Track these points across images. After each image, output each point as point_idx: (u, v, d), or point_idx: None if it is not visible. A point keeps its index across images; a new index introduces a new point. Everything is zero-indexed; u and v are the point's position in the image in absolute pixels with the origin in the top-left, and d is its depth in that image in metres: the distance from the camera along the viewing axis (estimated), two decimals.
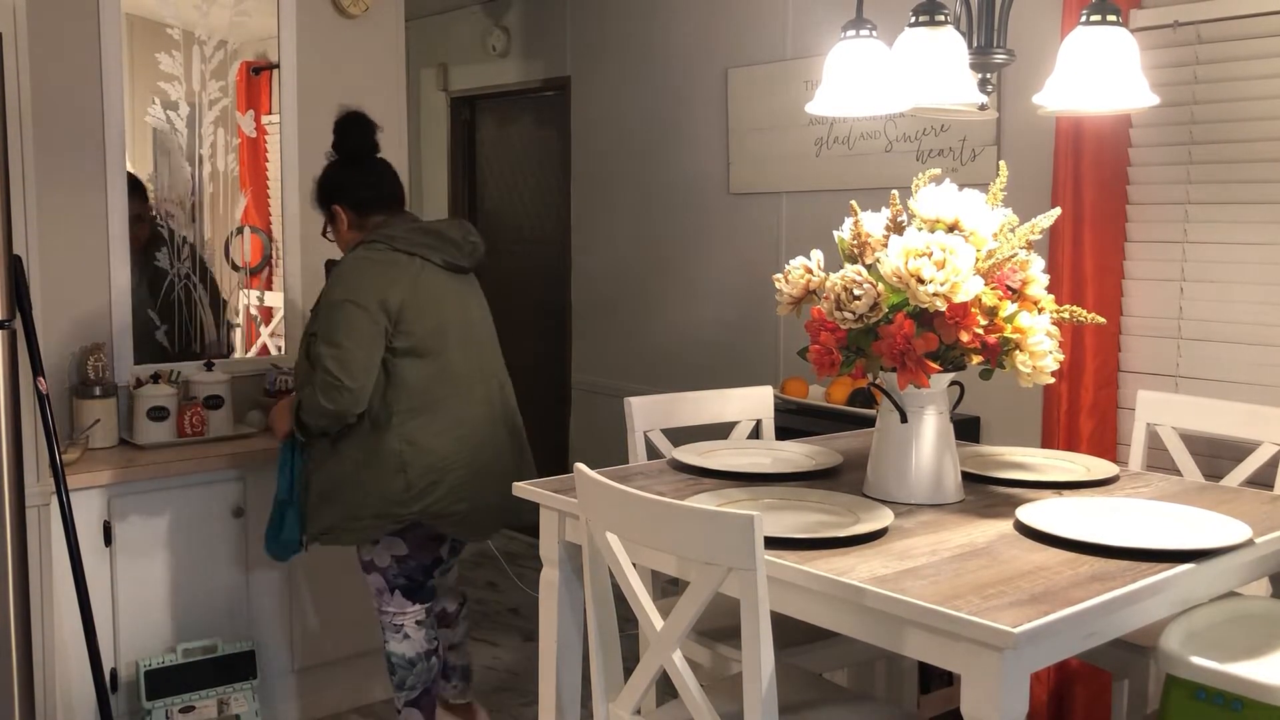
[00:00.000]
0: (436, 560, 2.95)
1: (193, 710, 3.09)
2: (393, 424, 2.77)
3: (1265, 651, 1.82)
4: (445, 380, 2.83)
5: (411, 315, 2.77)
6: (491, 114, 5.57)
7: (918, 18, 2.18)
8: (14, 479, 2.59)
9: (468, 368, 2.88)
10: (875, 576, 1.76)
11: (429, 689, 2.95)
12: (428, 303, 2.81)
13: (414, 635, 2.92)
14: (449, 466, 2.81)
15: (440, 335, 2.82)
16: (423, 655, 2.93)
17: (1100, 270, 3.10)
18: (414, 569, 2.91)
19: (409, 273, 2.80)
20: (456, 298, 2.91)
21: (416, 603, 2.93)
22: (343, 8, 3.73)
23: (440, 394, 2.82)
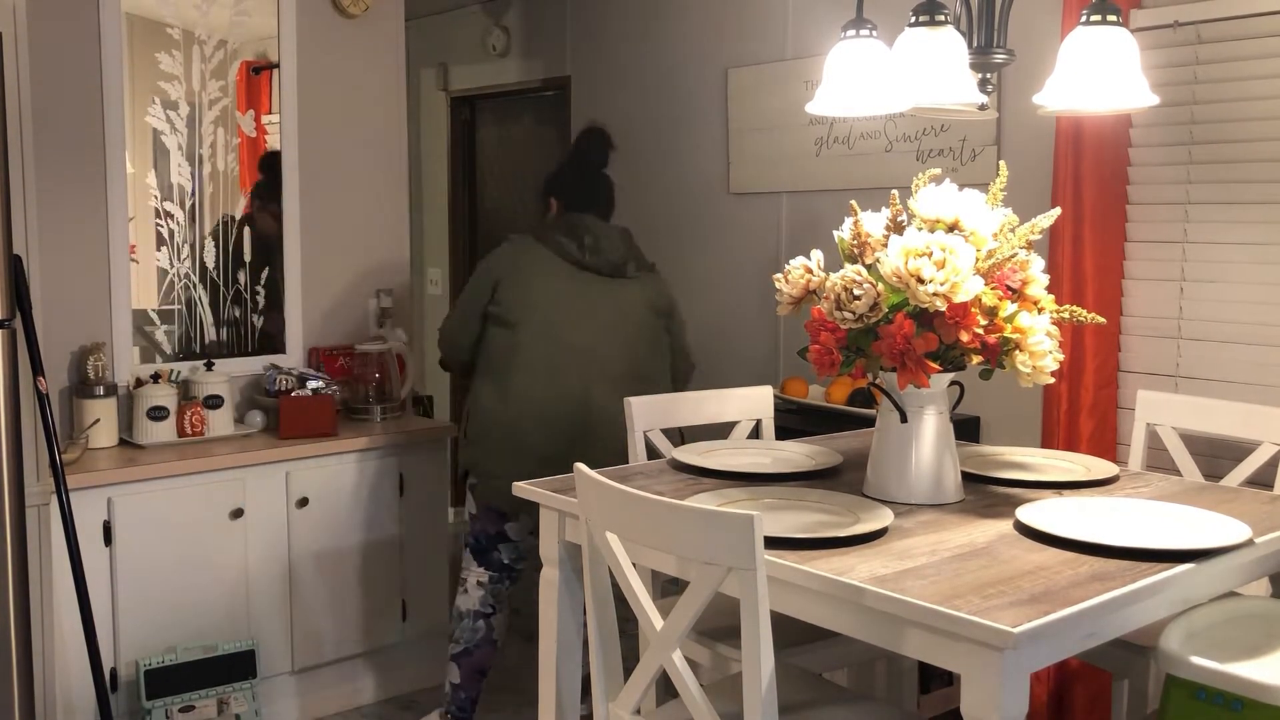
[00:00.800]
0: (500, 534, 3.14)
1: (192, 710, 3.09)
2: (474, 381, 3.12)
3: (1265, 651, 1.82)
4: (518, 356, 3.02)
5: (502, 294, 3.05)
6: (491, 114, 5.57)
7: (918, 18, 2.18)
8: (14, 479, 2.59)
9: (548, 353, 3.03)
10: (875, 576, 1.76)
11: (470, 650, 3.14)
12: (527, 285, 3.06)
13: (472, 593, 3.16)
14: (493, 430, 3.02)
15: (528, 316, 3.03)
16: (471, 614, 3.15)
17: (1100, 270, 3.10)
18: (479, 532, 3.15)
19: (522, 258, 3.09)
20: (569, 292, 3.07)
21: (481, 566, 3.16)
22: (343, 8, 3.73)
23: (510, 366, 3.03)
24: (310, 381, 3.46)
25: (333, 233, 3.79)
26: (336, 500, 3.42)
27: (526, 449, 2.99)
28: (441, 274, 5.71)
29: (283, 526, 3.33)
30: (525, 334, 3.02)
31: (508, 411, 3.01)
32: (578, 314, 3.05)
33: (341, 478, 3.43)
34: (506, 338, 3.03)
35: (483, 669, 3.16)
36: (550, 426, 3.00)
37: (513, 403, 3.01)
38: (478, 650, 3.14)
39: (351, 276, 3.84)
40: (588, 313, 3.06)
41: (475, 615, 3.14)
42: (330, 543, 3.43)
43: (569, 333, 3.03)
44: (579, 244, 3.08)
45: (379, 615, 3.55)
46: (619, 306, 3.10)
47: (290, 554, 3.35)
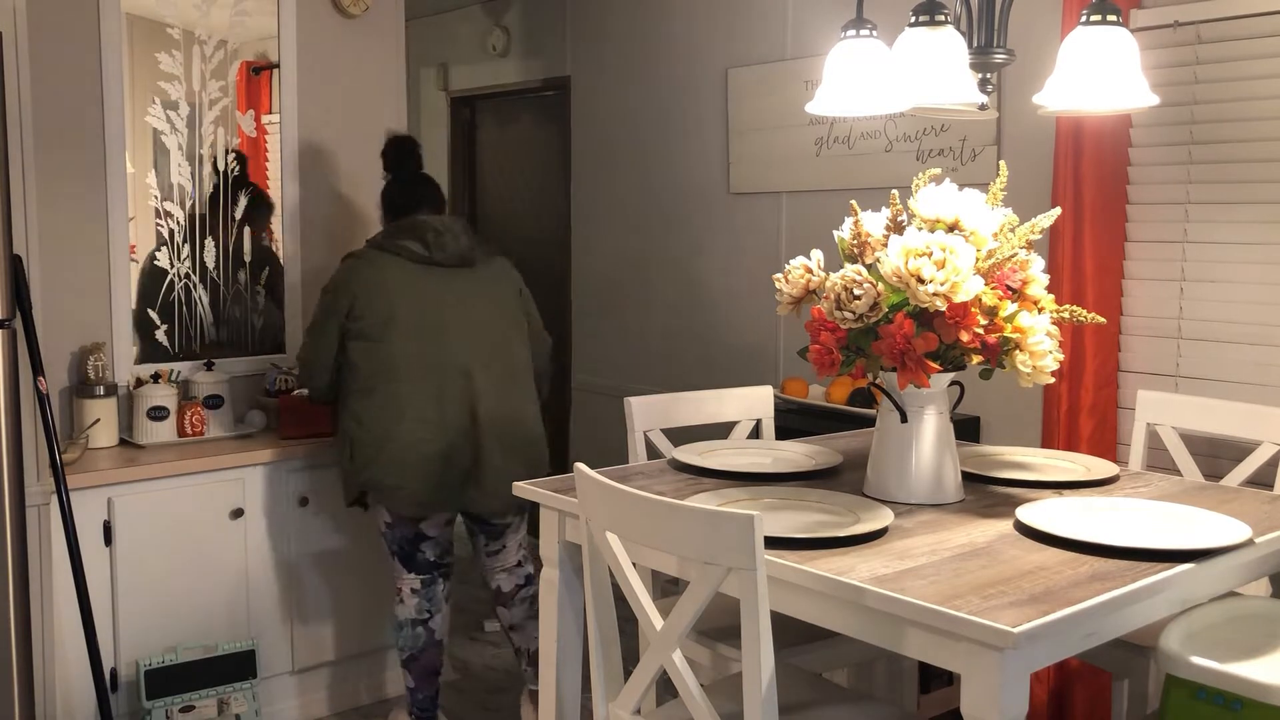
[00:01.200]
0: (419, 535, 3.13)
1: (192, 710, 3.09)
2: (347, 403, 3.07)
3: (1265, 651, 1.82)
4: (390, 363, 3.01)
5: (360, 308, 3.02)
6: (491, 114, 5.57)
7: (918, 18, 2.18)
8: (14, 479, 2.59)
9: (421, 353, 3.02)
10: (875, 576, 1.76)
11: (417, 655, 3.17)
12: (382, 296, 3.02)
13: (407, 601, 3.17)
14: (387, 441, 2.99)
15: (391, 324, 3.01)
16: (409, 622, 3.16)
17: (1100, 270, 3.10)
18: (400, 538, 3.14)
19: (370, 270, 3.06)
20: (426, 291, 3.06)
21: (410, 572, 3.16)
22: (343, 8, 3.73)
23: (385, 376, 3.01)
24: None
25: (333, 233, 3.79)
26: (336, 500, 3.41)
27: (422, 454, 2.99)
28: None
29: (283, 526, 3.33)
30: (395, 343, 3.00)
31: (395, 423, 2.98)
32: (441, 311, 3.06)
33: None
34: (376, 351, 3.00)
35: (434, 669, 3.20)
36: (440, 426, 3.00)
37: (398, 413, 2.98)
38: (423, 654, 3.18)
39: None
40: (450, 307, 3.07)
41: (413, 623, 3.16)
42: (330, 543, 3.43)
43: (438, 331, 3.04)
44: (422, 242, 3.07)
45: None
46: (477, 295, 3.14)
47: (290, 554, 3.35)
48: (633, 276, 4.65)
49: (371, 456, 3.00)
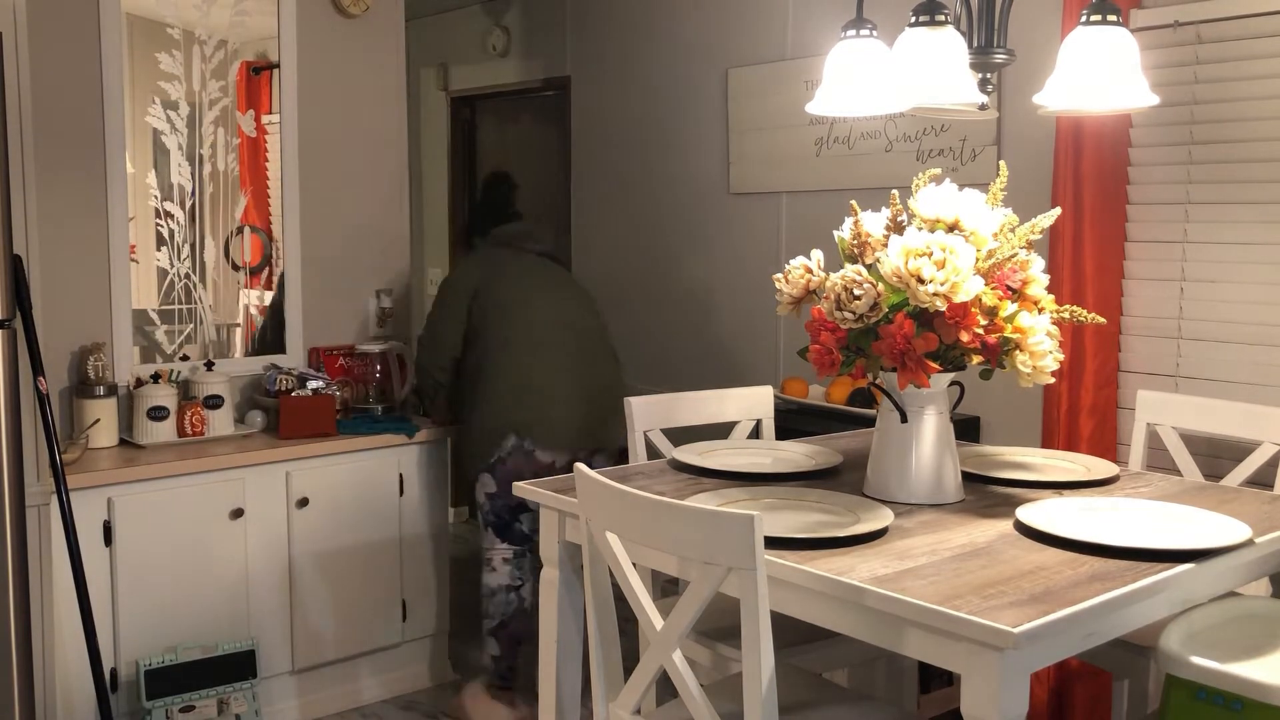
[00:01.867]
0: (521, 505, 3.32)
1: (192, 710, 3.09)
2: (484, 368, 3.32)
3: (1265, 651, 1.82)
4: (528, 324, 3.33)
5: (483, 289, 3.38)
6: (491, 114, 5.57)
7: (918, 18, 2.18)
8: (14, 479, 2.59)
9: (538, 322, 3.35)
10: (875, 576, 1.76)
11: (506, 623, 3.35)
12: (498, 279, 3.39)
13: (499, 569, 3.35)
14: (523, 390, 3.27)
15: (515, 299, 3.35)
16: (503, 588, 3.35)
17: (1100, 270, 3.10)
18: (501, 507, 3.33)
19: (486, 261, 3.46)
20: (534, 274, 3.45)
21: (505, 541, 3.35)
22: (343, 8, 3.73)
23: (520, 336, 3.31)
24: (310, 381, 3.47)
25: (332, 233, 3.79)
26: (336, 500, 3.42)
27: (564, 394, 3.30)
28: (441, 274, 5.70)
29: (283, 526, 3.33)
30: (526, 308, 3.35)
31: (536, 369, 3.29)
32: (548, 287, 3.44)
33: (341, 478, 3.43)
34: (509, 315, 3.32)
35: (520, 638, 3.38)
36: (576, 373, 3.33)
37: (538, 360, 3.30)
38: (513, 621, 3.36)
39: (351, 276, 3.84)
40: (552, 286, 3.46)
41: (506, 589, 3.35)
42: (330, 543, 3.43)
43: (552, 300, 3.41)
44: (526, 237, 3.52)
45: (379, 615, 3.55)
46: (567, 280, 3.56)
47: (290, 554, 3.34)
48: (633, 276, 4.65)
49: (517, 399, 3.26)
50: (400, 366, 3.77)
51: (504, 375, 3.29)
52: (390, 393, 3.73)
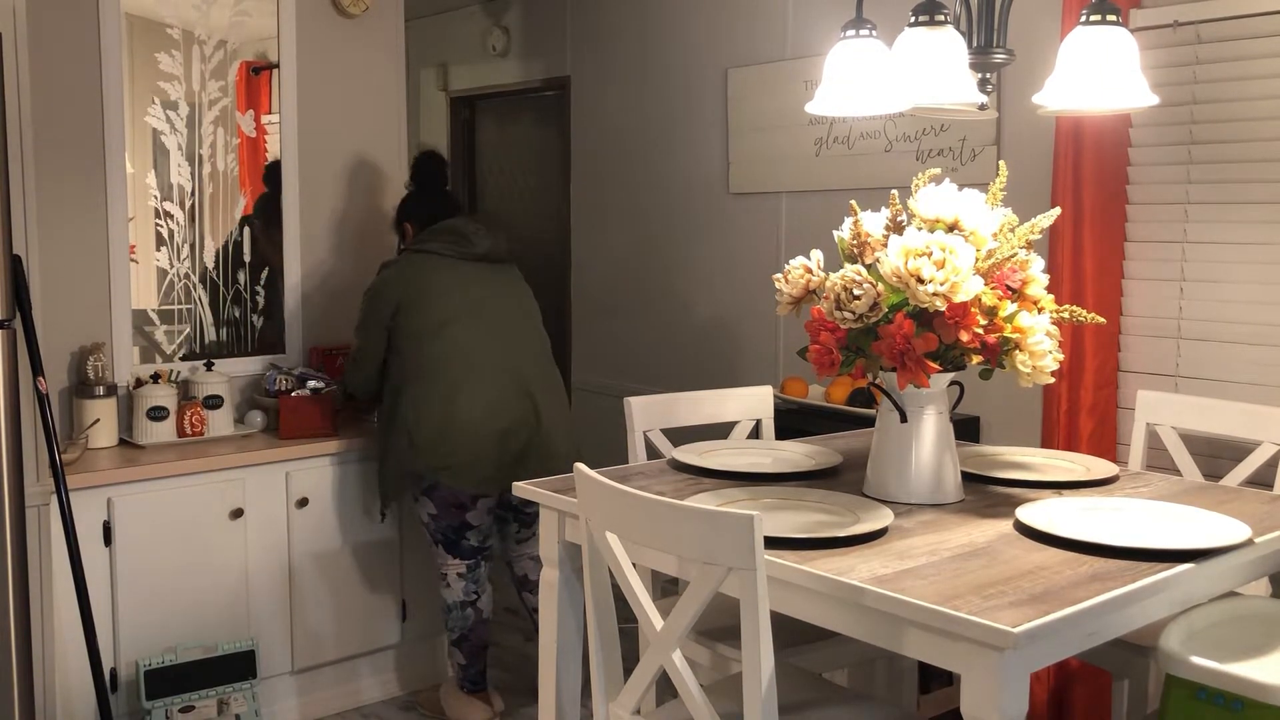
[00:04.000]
0: (464, 524, 3.26)
1: (192, 710, 3.09)
2: (402, 394, 3.18)
3: (1265, 651, 1.82)
4: (444, 353, 3.17)
5: (406, 305, 3.20)
6: (491, 114, 5.57)
7: (918, 18, 2.18)
8: (14, 479, 2.59)
9: (473, 342, 3.21)
10: (875, 576, 1.76)
11: (467, 635, 3.33)
12: (427, 292, 3.20)
13: (454, 585, 3.31)
14: (447, 425, 3.13)
15: (438, 317, 3.19)
16: (458, 604, 3.31)
17: (1100, 270, 3.10)
18: (445, 528, 3.27)
19: (411, 270, 3.24)
20: (469, 285, 3.26)
21: (455, 557, 3.30)
22: (343, 8, 3.73)
23: (441, 365, 3.16)
24: (310, 381, 3.46)
25: (333, 233, 3.79)
26: (336, 500, 3.42)
27: (483, 433, 3.15)
28: None
29: (283, 526, 3.33)
30: (448, 335, 3.18)
31: (455, 406, 3.14)
32: (483, 302, 3.27)
33: (341, 478, 3.43)
34: (429, 344, 3.17)
35: (484, 644, 3.37)
36: (498, 407, 3.18)
37: (457, 397, 3.15)
38: (473, 632, 3.33)
39: (351, 276, 3.83)
40: (490, 298, 3.29)
41: (462, 605, 3.31)
42: (330, 543, 3.43)
43: (483, 320, 3.25)
44: (455, 240, 3.28)
45: (379, 615, 3.55)
46: (508, 287, 3.36)
47: (290, 554, 3.34)
48: (633, 276, 4.65)
49: (434, 439, 3.13)
50: None
51: (421, 410, 3.14)
52: None
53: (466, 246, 3.28)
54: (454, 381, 3.16)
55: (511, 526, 3.40)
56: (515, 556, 3.45)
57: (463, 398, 3.15)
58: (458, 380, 3.16)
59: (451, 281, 3.24)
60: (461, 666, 3.36)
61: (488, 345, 3.23)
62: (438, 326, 3.18)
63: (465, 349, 3.19)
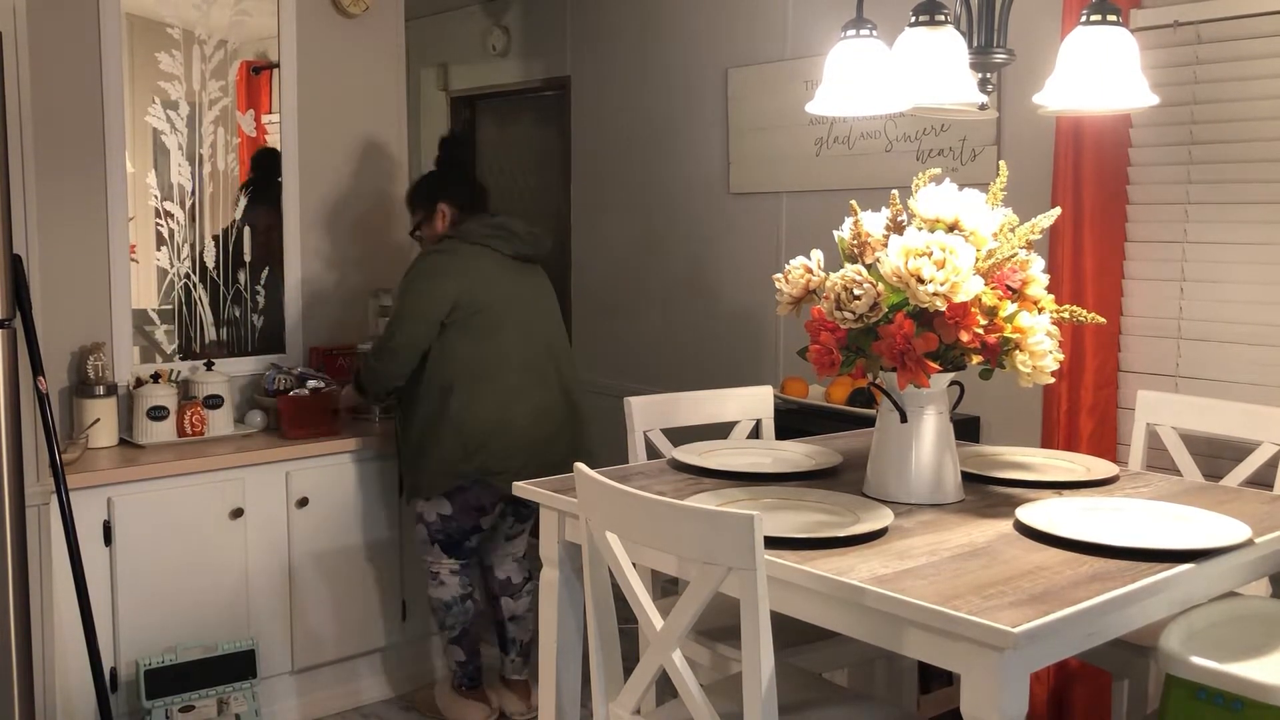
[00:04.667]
0: (476, 527, 3.24)
1: (192, 710, 3.09)
2: (452, 394, 3.12)
3: (1265, 651, 1.82)
4: (501, 354, 3.16)
5: (464, 300, 3.13)
6: (491, 114, 5.57)
7: (918, 18, 2.18)
8: (14, 479, 2.59)
9: (524, 344, 3.20)
10: (875, 576, 1.76)
11: (467, 629, 3.30)
12: (482, 288, 3.16)
13: (448, 582, 3.28)
14: (501, 429, 3.13)
15: (493, 316, 3.16)
16: (457, 599, 3.28)
17: (1100, 270, 3.10)
18: (454, 529, 3.23)
19: (469, 263, 3.18)
20: (516, 283, 3.24)
21: (451, 557, 3.27)
22: (343, 8, 3.73)
23: (496, 366, 3.15)
24: (310, 381, 3.46)
25: (333, 232, 3.79)
26: (336, 500, 3.42)
27: (533, 438, 3.17)
28: None
29: (283, 526, 3.33)
30: (500, 337, 3.16)
31: (509, 411, 3.15)
32: (527, 303, 3.25)
33: (341, 478, 3.43)
34: (485, 342, 3.14)
35: (480, 639, 3.36)
36: (546, 412, 3.21)
37: (511, 401, 3.15)
38: (473, 626, 3.32)
39: (351, 276, 3.84)
40: (532, 300, 3.27)
41: (461, 599, 3.29)
42: (330, 543, 3.43)
43: (531, 322, 3.24)
44: (513, 236, 3.23)
45: (379, 615, 3.55)
46: (543, 289, 3.34)
47: (290, 554, 3.34)
48: (633, 276, 4.65)
49: (487, 442, 3.11)
50: None
51: (476, 412, 3.12)
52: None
53: (516, 245, 3.24)
54: (509, 385, 3.15)
55: (506, 521, 3.38)
56: (499, 557, 3.41)
57: (518, 402, 3.15)
58: (512, 384, 3.15)
59: (504, 279, 3.21)
60: (460, 664, 3.33)
61: (535, 349, 3.22)
62: (494, 326, 3.15)
63: (517, 351, 3.18)
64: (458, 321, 3.14)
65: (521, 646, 3.42)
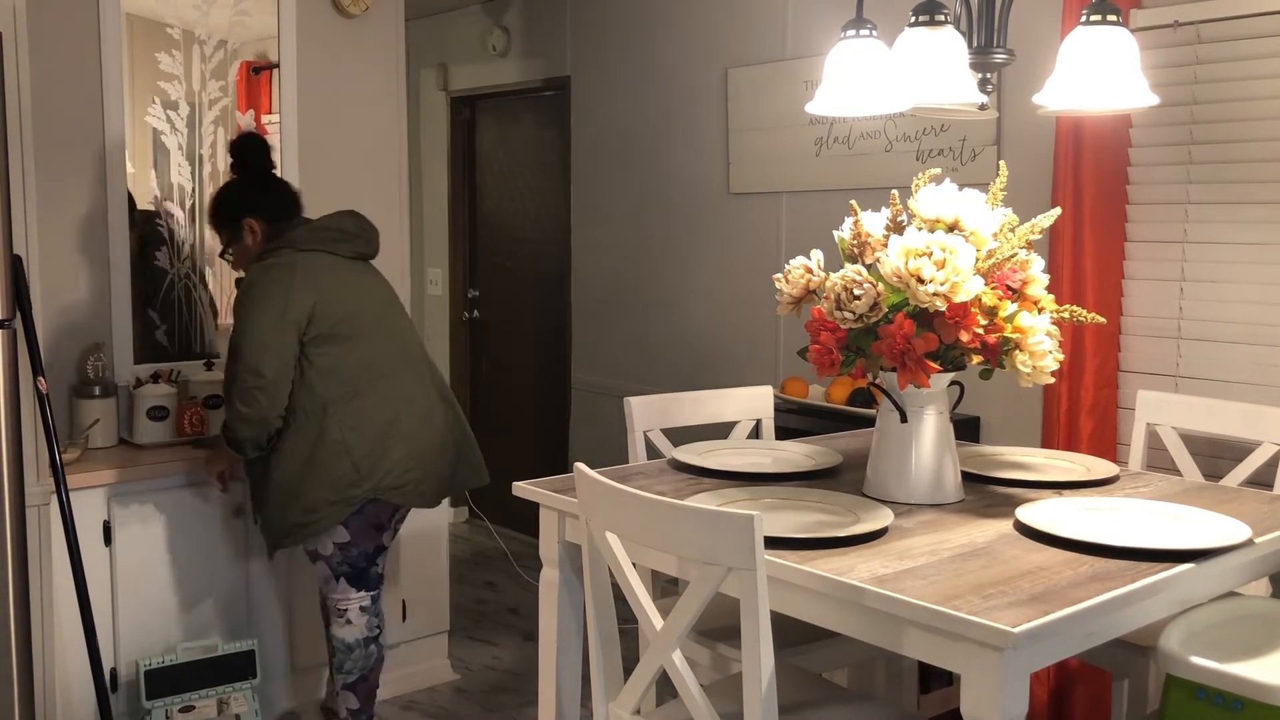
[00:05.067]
0: (379, 548, 3.01)
1: (192, 710, 3.09)
2: (329, 413, 2.84)
3: (1265, 651, 1.82)
4: (371, 362, 2.91)
5: (322, 310, 2.84)
6: (491, 114, 5.57)
7: (918, 18, 2.18)
8: (14, 479, 2.59)
9: (390, 347, 2.97)
10: (875, 576, 1.76)
11: (366, 675, 3.04)
12: (336, 295, 2.88)
13: (355, 621, 3.00)
14: (393, 442, 2.89)
15: (355, 322, 2.90)
16: (361, 642, 3.01)
17: (1100, 270, 3.10)
18: (356, 556, 2.96)
19: (313, 270, 2.88)
20: (363, 286, 2.99)
21: (361, 590, 3.00)
22: (343, 8, 3.73)
23: (368, 376, 2.90)
24: None
25: None
26: None
27: (428, 443, 2.95)
28: (441, 274, 5.71)
29: None
30: (365, 344, 2.90)
31: (395, 419, 2.90)
32: (376, 303, 3.00)
33: None
34: (346, 355, 2.86)
35: (377, 685, 3.09)
36: (429, 413, 2.98)
37: (394, 408, 2.91)
38: (373, 673, 3.06)
39: None
40: (380, 300, 3.03)
41: (365, 642, 3.01)
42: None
43: (387, 321, 3.00)
44: (348, 236, 2.97)
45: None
46: (384, 285, 3.09)
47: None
48: (632, 276, 4.66)
49: (377, 460, 2.86)
50: None
51: (361, 430, 2.84)
52: None
53: (353, 245, 2.98)
54: (389, 393, 2.90)
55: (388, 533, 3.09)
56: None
57: (403, 410, 2.91)
58: (391, 391, 2.91)
59: (351, 282, 2.94)
60: (353, 712, 3.05)
61: (402, 351, 2.99)
62: (356, 334, 2.88)
63: (386, 356, 2.94)
64: (319, 336, 2.83)
65: None
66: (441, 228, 5.70)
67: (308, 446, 2.84)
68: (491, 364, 5.60)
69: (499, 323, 5.54)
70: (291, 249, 2.90)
